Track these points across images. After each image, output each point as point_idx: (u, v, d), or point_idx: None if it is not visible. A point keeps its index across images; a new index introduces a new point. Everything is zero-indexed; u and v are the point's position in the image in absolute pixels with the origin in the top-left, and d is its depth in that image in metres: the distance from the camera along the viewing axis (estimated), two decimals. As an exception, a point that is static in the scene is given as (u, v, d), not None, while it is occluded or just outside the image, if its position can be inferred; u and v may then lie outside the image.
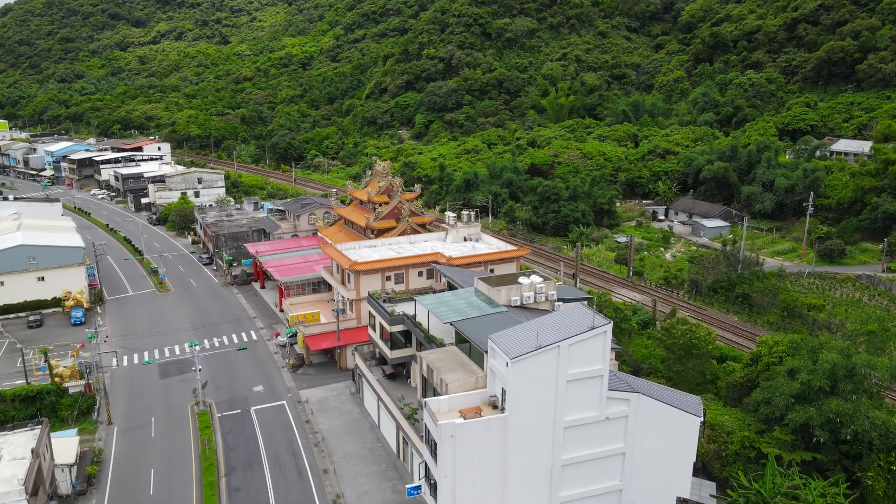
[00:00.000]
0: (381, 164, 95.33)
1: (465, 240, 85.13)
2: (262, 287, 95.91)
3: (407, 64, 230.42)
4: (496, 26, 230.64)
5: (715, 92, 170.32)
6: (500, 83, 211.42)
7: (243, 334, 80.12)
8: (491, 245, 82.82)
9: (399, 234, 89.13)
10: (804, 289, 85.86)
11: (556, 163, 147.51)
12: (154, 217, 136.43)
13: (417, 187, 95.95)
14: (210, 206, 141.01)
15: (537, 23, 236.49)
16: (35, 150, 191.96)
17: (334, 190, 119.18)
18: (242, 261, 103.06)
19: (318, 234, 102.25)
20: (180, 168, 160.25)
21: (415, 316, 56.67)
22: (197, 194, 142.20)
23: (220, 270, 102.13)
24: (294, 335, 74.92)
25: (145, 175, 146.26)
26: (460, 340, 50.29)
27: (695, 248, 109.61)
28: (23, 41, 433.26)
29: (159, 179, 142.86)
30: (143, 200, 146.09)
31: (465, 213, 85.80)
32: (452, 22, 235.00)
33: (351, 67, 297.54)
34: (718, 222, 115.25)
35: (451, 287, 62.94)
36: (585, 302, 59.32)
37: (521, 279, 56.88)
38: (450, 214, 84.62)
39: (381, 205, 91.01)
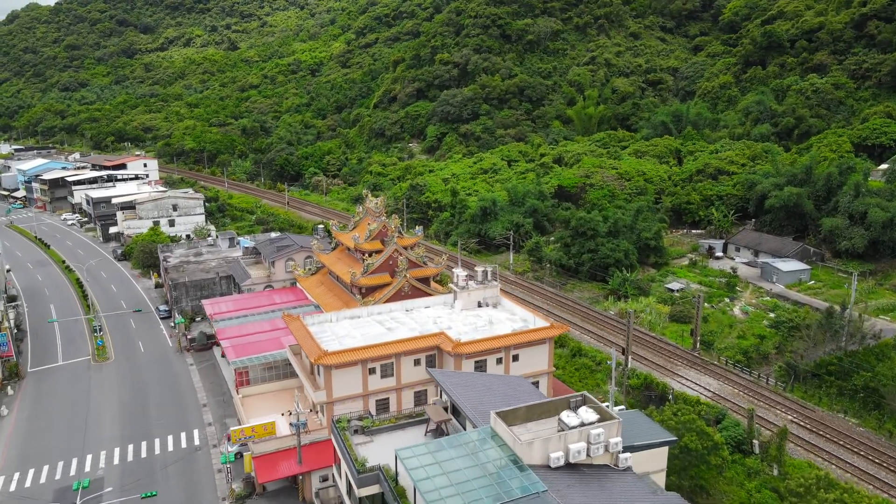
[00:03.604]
0: (372, 200, 75.06)
1: (480, 305, 64.38)
2: (224, 355, 75.66)
3: (418, 70, 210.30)
4: (516, 28, 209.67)
5: (771, 99, 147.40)
6: (520, 91, 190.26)
7: (183, 435, 59.98)
8: (514, 315, 61.85)
9: (394, 294, 68.74)
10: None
11: (588, 185, 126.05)
12: (119, 251, 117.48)
13: (419, 230, 75.39)
14: (188, 236, 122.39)
15: (562, 23, 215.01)
16: (9, 167, 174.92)
17: (320, 226, 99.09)
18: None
19: (298, 285, 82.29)
20: (159, 189, 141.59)
21: (396, 477, 35.94)
22: (172, 223, 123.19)
23: (176, 329, 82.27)
24: (246, 444, 54.41)
25: (114, 200, 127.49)
26: (466, 547, 29.60)
27: (768, 298, 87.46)
28: (28, 49, 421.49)
29: (128, 206, 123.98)
30: (112, 229, 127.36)
31: (479, 269, 65.00)
32: (468, 23, 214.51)
33: (361, 74, 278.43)
34: (796, 264, 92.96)
35: (454, 410, 42.14)
36: (666, 447, 38.24)
37: (566, 415, 35.93)
38: (459, 273, 63.87)
39: (371, 254, 70.68)
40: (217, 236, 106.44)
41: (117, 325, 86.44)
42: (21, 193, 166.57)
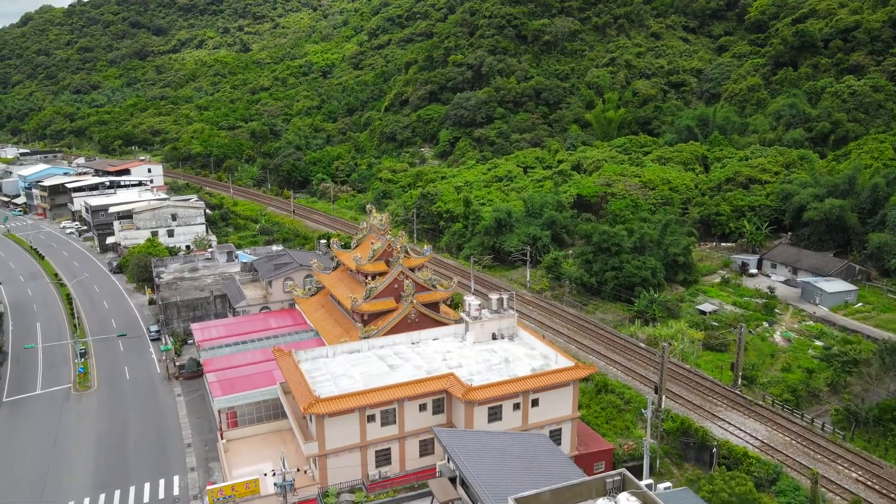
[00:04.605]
0: (377, 215, 68.46)
1: (494, 337, 57.54)
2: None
3: (431, 72, 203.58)
4: (532, 28, 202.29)
5: (804, 103, 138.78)
6: (537, 93, 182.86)
7: (162, 482, 53.63)
8: (533, 349, 54.95)
9: (399, 322, 62.00)
10: None
11: (609, 194, 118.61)
12: (115, 263, 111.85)
13: (428, 249, 68.50)
14: (187, 247, 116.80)
15: (580, 23, 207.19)
16: (10, 173, 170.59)
17: (322, 241, 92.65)
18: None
19: (297, 307, 75.82)
20: (161, 196, 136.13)
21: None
22: (171, 233, 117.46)
23: (164, 355, 76.02)
24: None
25: (111, 208, 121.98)
26: None
27: (812, 323, 79.60)
28: (41, 51, 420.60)
29: (126, 215, 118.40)
30: (109, 240, 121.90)
31: (493, 296, 58.11)
32: (483, 24, 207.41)
33: (373, 76, 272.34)
34: (841, 284, 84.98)
35: (463, 482, 35.20)
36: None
37: (603, 505, 28.93)
38: (471, 302, 57.02)
39: (374, 276, 64.01)
40: (215, 249, 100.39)
41: (104, 347, 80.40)
42: (22, 200, 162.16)
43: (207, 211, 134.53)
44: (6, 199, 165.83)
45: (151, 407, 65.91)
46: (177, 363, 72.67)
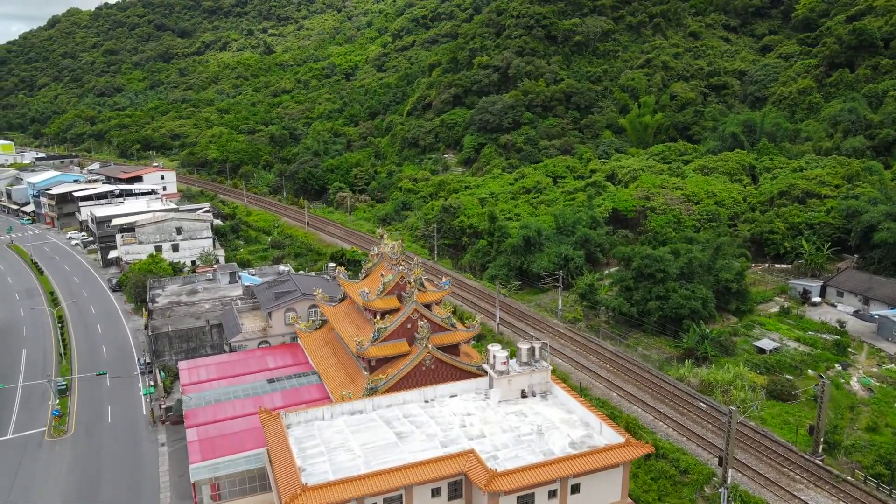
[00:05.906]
0: (388, 242, 59.53)
1: (524, 395, 48.14)
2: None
3: (455, 74, 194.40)
4: (563, 28, 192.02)
5: (864, 107, 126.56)
6: (567, 97, 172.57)
7: (128, 564, 45.20)
8: (571, 413, 45.50)
9: (412, 369, 52.88)
10: None
11: (648, 209, 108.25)
12: (115, 280, 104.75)
13: (447, 283, 59.15)
14: (193, 262, 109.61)
15: (613, 23, 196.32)
16: (21, 179, 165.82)
17: (331, 265, 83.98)
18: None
19: (299, 341, 67.23)
20: (170, 205, 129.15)
21: None
22: (175, 248, 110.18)
23: (148, 397, 67.91)
24: None
25: (114, 220, 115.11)
26: None
27: (894, 366, 68.49)
28: (67, 54, 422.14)
29: (128, 228, 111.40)
30: (112, 253, 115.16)
31: (523, 346, 48.64)
32: (510, 24, 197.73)
33: (397, 78, 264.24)
34: (924, 320, 73.61)
35: None
36: None
37: None
38: (497, 354, 47.62)
39: (384, 314, 55.02)
40: (218, 268, 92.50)
41: (89, 380, 72.73)
42: (31, 208, 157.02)
43: (217, 222, 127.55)
44: (15, 206, 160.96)
45: (130, 459, 57.72)
46: (163, 405, 64.50)
